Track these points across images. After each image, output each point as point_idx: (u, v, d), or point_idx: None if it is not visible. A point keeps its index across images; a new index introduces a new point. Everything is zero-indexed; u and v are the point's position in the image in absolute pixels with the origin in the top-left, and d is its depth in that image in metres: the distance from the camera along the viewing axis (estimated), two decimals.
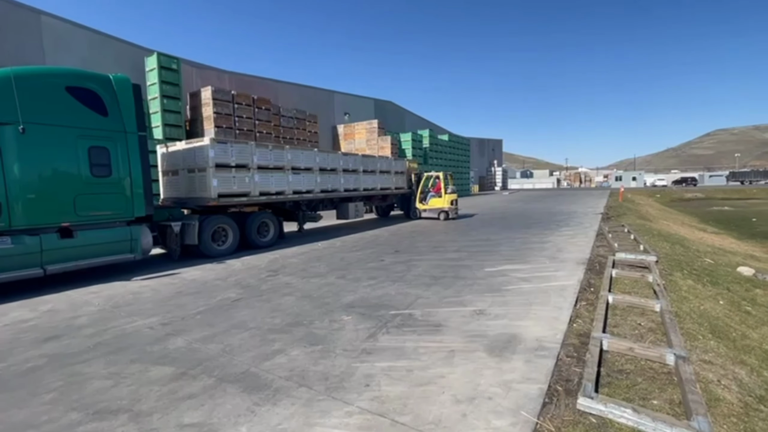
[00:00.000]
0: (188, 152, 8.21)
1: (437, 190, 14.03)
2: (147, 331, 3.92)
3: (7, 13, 13.62)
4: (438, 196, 13.87)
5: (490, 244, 8.47)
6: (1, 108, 5.25)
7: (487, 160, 54.00)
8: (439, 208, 13.76)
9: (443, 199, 13.67)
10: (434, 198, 13.92)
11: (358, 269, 6.44)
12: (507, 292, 4.92)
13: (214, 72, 20.00)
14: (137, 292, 5.44)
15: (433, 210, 13.89)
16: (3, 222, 5.27)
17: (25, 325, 4.26)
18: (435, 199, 13.90)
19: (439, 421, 2.31)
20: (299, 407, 2.49)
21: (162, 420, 2.39)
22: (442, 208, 13.69)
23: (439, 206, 13.75)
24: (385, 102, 33.03)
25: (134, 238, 6.57)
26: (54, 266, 5.65)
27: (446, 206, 13.59)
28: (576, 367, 2.93)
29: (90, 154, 6.06)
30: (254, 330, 3.86)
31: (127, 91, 6.51)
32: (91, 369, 3.13)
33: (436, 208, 13.82)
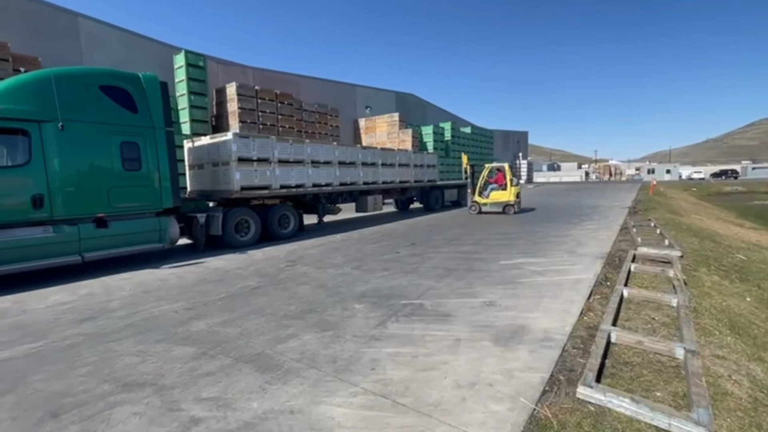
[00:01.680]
0: (212, 147, 8.54)
1: (500, 182, 13.15)
2: (172, 315, 4.20)
3: (48, 16, 14.45)
4: (501, 188, 13.02)
5: (508, 238, 8.40)
6: (43, 107, 5.66)
7: (512, 153, 52.83)
8: (504, 201, 12.88)
9: (508, 191, 12.83)
10: (497, 191, 13.02)
11: (373, 261, 6.56)
12: (519, 284, 4.91)
13: (238, 68, 20.50)
14: (165, 279, 5.78)
15: (497, 204, 12.99)
16: (45, 213, 5.70)
17: (65, 307, 4.64)
18: (498, 192, 12.99)
19: (438, 404, 2.40)
20: (307, 387, 2.64)
21: (182, 393, 2.60)
22: (507, 201, 12.83)
23: (504, 200, 12.87)
24: (406, 95, 32.88)
25: (163, 228, 6.95)
26: (91, 254, 6.08)
27: (512, 199, 12.79)
28: (581, 359, 2.94)
29: (122, 149, 6.43)
30: (270, 316, 4.06)
31: (155, 88, 6.85)
32: (122, 347, 3.40)
33: (501, 201, 12.92)
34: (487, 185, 13.37)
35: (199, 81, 15.13)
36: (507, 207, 12.91)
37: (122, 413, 2.39)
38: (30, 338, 3.67)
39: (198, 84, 15.10)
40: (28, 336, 3.73)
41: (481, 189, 13.31)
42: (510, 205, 12.87)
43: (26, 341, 3.61)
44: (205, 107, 15.33)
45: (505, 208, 12.93)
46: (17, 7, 13.71)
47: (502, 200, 12.95)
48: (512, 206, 12.86)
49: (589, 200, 18.41)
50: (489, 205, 13.10)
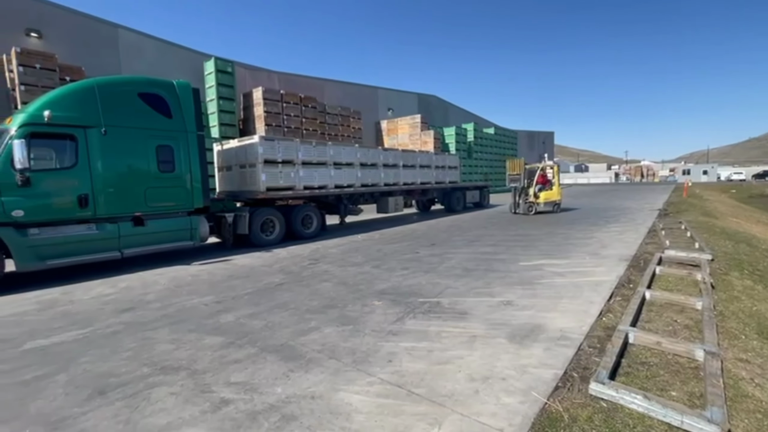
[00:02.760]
0: (240, 149, 8.92)
1: (546, 182, 13.56)
2: (203, 308, 4.47)
3: (91, 28, 15.42)
4: (548, 188, 13.50)
5: (529, 239, 8.34)
6: (88, 113, 6.12)
7: (537, 154, 51.69)
8: (553, 201, 13.51)
9: (555, 191, 13.47)
10: (545, 191, 13.41)
11: (393, 260, 6.69)
12: (538, 285, 4.92)
13: (264, 73, 21.14)
14: (196, 275, 6.11)
15: (548, 203, 13.48)
16: (89, 212, 6.15)
17: (107, 298, 5.01)
18: (546, 192, 13.42)
19: (451, 395, 2.50)
20: (327, 375, 2.79)
21: (213, 378, 2.81)
22: (556, 200, 13.52)
23: (553, 199, 13.49)
24: (428, 96, 32.86)
25: (194, 227, 7.33)
26: (129, 250, 6.50)
27: (559, 198, 13.55)
28: (596, 358, 2.96)
29: (157, 152, 6.84)
30: (293, 310, 4.26)
31: (188, 94, 7.25)
32: (158, 335, 3.67)
33: (551, 201, 13.49)
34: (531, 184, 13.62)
35: (227, 86, 15.73)
36: (555, 206, 13.57)
37: (160, 393, 2.62)
38: (77, 325, 4.02)
39: (226, 89, 15.70)
40: (75, 323, 4.08)
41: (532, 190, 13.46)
42: (557, 204, 13.58)
43: (74, 328, 3.95)
44: (232, 111, 15.92)
45: (554, 206, 13.55)
46: (65, 20, 14.71)
47: (552, 199, 13.45)
48: (559, 205, 13.62)
49: (616, 202, 17.87)
50: (542, 204, 13.38)
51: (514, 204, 13.42)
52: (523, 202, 13.15)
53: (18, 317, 4.36)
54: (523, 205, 13.13)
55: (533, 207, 13.21)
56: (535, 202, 13.22)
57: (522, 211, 13.11)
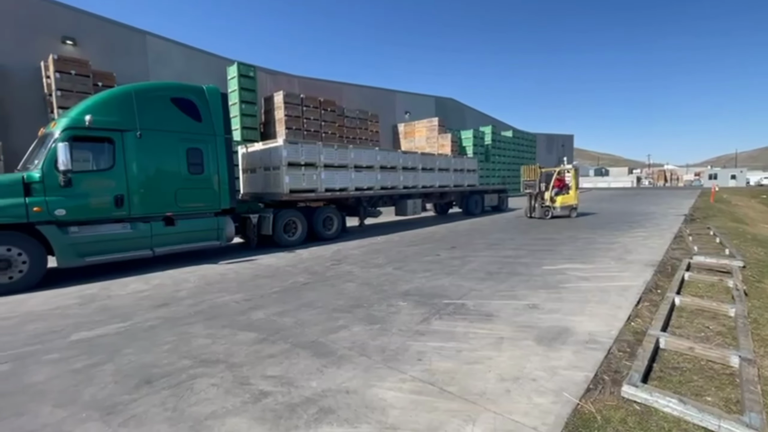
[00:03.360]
0: (265, 152, 9.15)
1: (563, 186, 13.44)
2: (233, 305, 4.63)
3: (122, 35, 16.05)
4: (565, 192, 13.30)
5: (551, 243, 8.27)
6: (124, 118, 6.41)
7: (556, 157, 50.93)
8: (570, 205, 13.28)
9: (572, 195, 13.29)
10: (561, 195, 13.19)
11: (415, 262, 6.75)
12: (563, 289, 4.90)
13: (285, 77, 21.54)
14: (223, 273, 6.31)
15: (564, 207, 13.21)
16: (124, 211, 6.44)
17: (142, 294, 5.23)
18: (563, 196, 13.20)
19: (483, 393, 2.54)
20: (359, 372, 2.88)
21: (250, 371, 2.93)
22: (572, 204, 13.31)
23: (570, 203, 13.28)
24: (446, 99, 32.83)
25: (220, 227, 7.56)
26: (160, 249, 6.76)
27: (575, 202, 13.36)
28: (627, 361, 2.96)
29: (188, 155, 7.10)
30: (321, 309, 4.37)
31: (217, 99, 7.51)
32: (194, 330, 3.83)
33: (567, 205, 13.25)
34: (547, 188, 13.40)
35: (249, 90, 16.12)
36: (572, 210, 13.33)
37: (202, 384, 2.75)
38: (117, 319, 4.22)
39: (248, 93, 16.09)
40: (115, 317, 4.29)
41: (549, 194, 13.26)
42: (574, 208, 13.33)
43: (115, 321, 4.15)
44: (254, 115, 16.30)
45: (571, 211, 13.30)
46: (97, 28, 15.37)
47: (569, 203, 13.19)
48: (575, 209, 13.36)
49: (640, 207, 17.47)
50: (559, 208, 13.11)
51: (530, 208, 13.28)
52: (540, 207, 12.98)
53: (62, 310, 4.61)
54: (539, 209, 12.97)
55: (550, 211, 13.04)
56: (551, 206, 13.06)
57: (538, 215, 12.94)
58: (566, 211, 13.21)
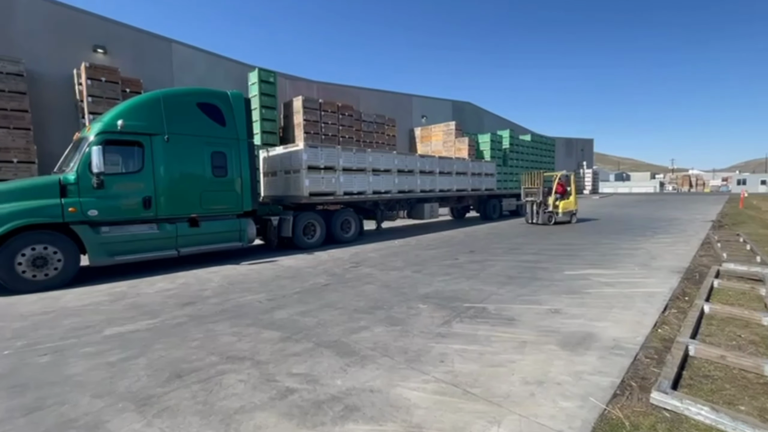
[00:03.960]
0: (285, 156, 9.33)
1: (564, 191, 13.05)
2: (257, 304, 4.73)
3: (148, 43, 16.65)
4: (565, 197, 12.98)
5: (573, 249, 8.14)
6: (153, 122, 6.66)
7: (575, 162, 50.05)
8: (570, 210, 13.02)
9: (572, 200, 13.03)
10: (561, 200, 12.84)
11: (433, 266, 6.75)
12: (586, 294, 4.82)
13: (304, 83, 21.89)
14: (245, 274, 6.45)
15: (566, 213, 12.89)
16: (152, 212, 6.66)
17: (169, 293, 5.40)
18: (565, 201, 12.85)
19: (507, 396, 2.54)
20: (383, 371, 2.91)
21: (276, 368, 3.00)
22: (573, 210, 13.09)
23: (570, 208, 13.02)
24: (463, 103, 32.72)
25: (242, 229, 7.74)
26: (185, 249, 6.96)
27: (575, 208, 13.18)
28: (655, 368, 2.90)
29: (212, 158, 7.31)
30: (342, 310, 4.42)
31: (240, 104, 7.72)
32: (220, 328, 3.94)
33: (568, 210, 12.95)
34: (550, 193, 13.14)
35: (269, 95, 16.45)
36: (572, 216, 13.15)
37: (230, 380, 2.84)
38: (147, 316, 4.38)
39: (268, 98, 16.43)
40: (145, 314, 4.45)
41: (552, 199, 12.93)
42: (574, 214, 13.18)
43: (145, 318, 4.30)
44: (274, 119, 16.62)
45: (571, 216, 13.10)
46: (126, 36, 15.99)
47: (569, 209, 12.92)
48: (575, 214, 13.25)
49: (664, 212, 16.99)
50: (561, 214, 12.78)
51: (532, 214, 12.89)
52: (543, 212, 12.66)
53: (95, 306, 4.81)
54: (542, 215, 12.65)
55: (553, 216, 12.71)
56: (554, 211, 12.73)
57: (541, 221, 12.61)
58: (567, 217, 12.91)
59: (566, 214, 12.84)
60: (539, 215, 12.71)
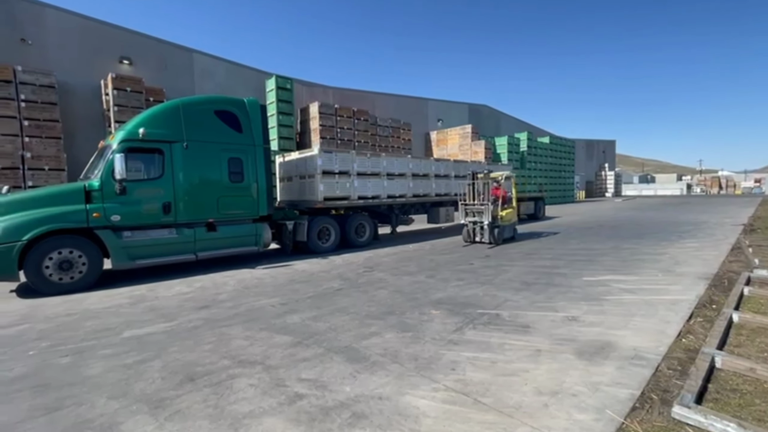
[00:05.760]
0: (300, 161, 9.43)
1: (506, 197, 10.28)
2: (270, 308, 4.77)
3: (170, 53, 17.20)
4: (508, 206, 10.30)
5: (592, 254, 7.90)
6: (173, 130, 6.85)
7: (596, 164, 48.83)
8: (514, 222, 10.41)
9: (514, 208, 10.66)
10: (506, 209, 10.02)
11: (447, 270, 6.67)
12: (605, 301, 4.66)
13: (320, 89, 22.17)
14: (260, 278, 6.53)
15: (509, 227, 10.07)
16: (171, 217, 6.84)
17: (185, 296, 5.52)
18: (508, 210, 10.10)
19: (519, 407, 2.47)
20: (392, 378, 2.88)
21: (286, 373, 3.01)
22: (515, 221, 10.67)
23: (514, 219, 10.50)
24: (479, 106, 32.46)
25: (258, 233, 7.85)
26: (203, 253, 7.11)
27: (515, 219, 10.59)
28: (678, 380, 2.76)
29: (229, 164, 7.47)
30: (353, 314, 4.42)
31: (256, 110, 7.87)
32: (233, 332, 3.99)
33: (511, 222, 10.17)
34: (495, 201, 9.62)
35: (286, 102, 16.72)
36: (515, 230, 10.61)
37: (240, 384, 2.86)
38: (164, 319, 4.48)
39: (285, 104, 16.69)
40: (162, 317, 4.55)
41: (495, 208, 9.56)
42: (514, 228, 10.54)
43: (161, 321, 4.40)
44: (291, 125, 16.86)
45: (515, 231, 10.56)
46: (149, 47, 16.57)
47: (513, 220, 10.35)
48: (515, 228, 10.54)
49: (690, 215, 16.34)
50: (507, 228, 9.83)
51: (472, 231, 9.66)
52: (488, 227, 9.29)
53: (115, 309, 4.95)
54: (488, 232, 9.31)
55: (501, 231, 9.47)
56: (500, 223, 9.51)
57: (487, 239, 9.35)
58: (510, 231, 10.16)
59: (509, 227, 10.05)
60: (483, 231, 9.44)
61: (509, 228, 10.02)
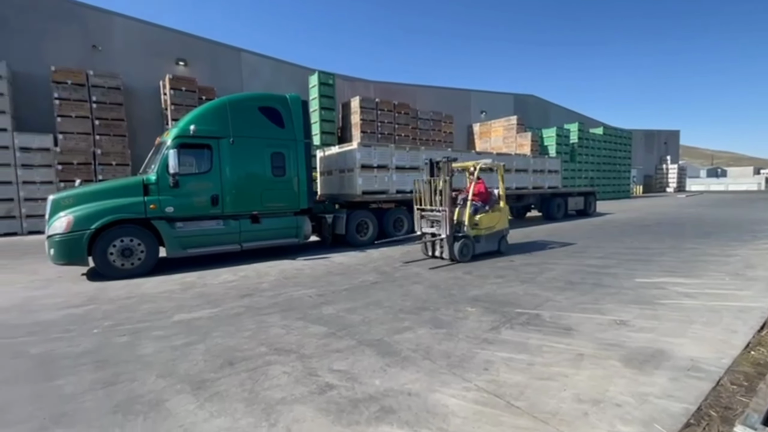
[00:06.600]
0: (340, 155, 9.57)
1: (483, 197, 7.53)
2: (307, 299, 4.90)
3: (220, 53, 18.07)
4: (489, 206, 7.49)
5: (647, 253, 7.31)
6: (220, 126, 7.21)
7: (657, 156, 45.09)
8: (499, 229, 7.52)
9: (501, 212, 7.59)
10: (486, 212, 7.31)
11: (486, 267, 6.48)
12: (660, 306, 4.29)
13: (361, 83, 22.31)
14: (300, 269, 6.73)
15: (491, 236, 7.35)
16: (219, 210, 7.23)
17: (230, 284, 5.82)
18: (488, 214, 7.33)
19: (556, 413, 2.33)
20: (423, 375, 2.84)
21: (318, 363, 3.07)
22: (503, 229, 7.62)
23: (496, 226, 7.46)
24: (526, 96, 31.10)
25: (299, 226, 8.09)
26: (247, 244, 7.46)
27: (505, 226, 7.69)
28: (742, 397, 2.48)
29: (272, 159, 7.74)
30: (387, 308, 4.42)
31: (298, 106, 8.07)
32: (272, 320, 4.14)
33: (494, 231, 7.40)
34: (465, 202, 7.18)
35: (328, 97, 17.01)
36: (502, 239, 7.64)
37: (275, 371, 2.96)
38: (210, 305, 4.75)
39: (327, 100, 16.99)
40: (209, 303, 4.83)
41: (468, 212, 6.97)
42: (504, 236, 7.71)
43: (208, 307, 4.67)
44: (332, 120, 17.16)
45: (501, 241, 7.62)
46: (202, 48, 17.53)
47: (497, 228, 7.50)
48: (505, 236, 7.77)
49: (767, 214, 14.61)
50: (483, 239, 7.25)
51: (431, 243, 7.27)
52: (451, 237, 6.79)
53: (168, 294, 5.33)
54: (447, 244, 6.81)
55: (470, 245, 6.92)
56: (473, 232, 7.04)
57: (447, 255, 6.87)
58: (493, 244, 7.46)
59: (491, 237, 7.41)
60: (443, 245, 6.93)
61: (491, 239, 7.40)
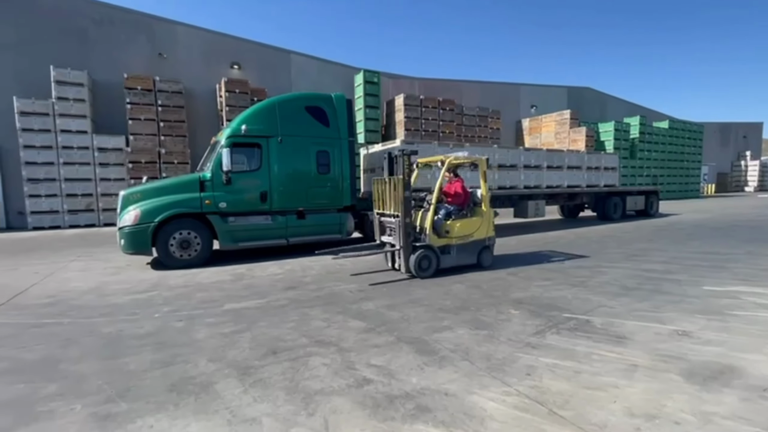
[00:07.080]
0: (383, 153, 9.60)
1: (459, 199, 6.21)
2: (348, 294, 5.00)
3: (271, 56, 18.85)
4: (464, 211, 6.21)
5: (717, 259, 6.61)
6: (269, 125, 7.55)
7: (734, 152, 40.54)
8: (479, 239, 6.16)
9: (482, 217, 6.20)
10: (460, 219, 6.05)
11: (532, 268, 6.21)
12: (732, 317, 3.87)
13: (406, 81, 22.25)
14: (342, 264, 6.88)
15: (467, 245, 6.06)
16: (267, 206, 7.58)
17: (277, 277, 6.08)
18: (464, 221, 6.05)
19: (604, 426, 2.18)
20: (461, 375, 2.79)
21: (357, 357, 3.13)
22: (485, 238, 6.22)
23: (481, 235, 6.16)
24: (581, 89, 29.31)
25: (342, 222, 8.27)
26: (293, 239, 7.77)
27: (490, 234, 6.30)
28: None
29: (317, 157, 7.97)
30: (427, 306, 4.38)
31: (342, 105, 8.23)
32: (313, 313, 4.27)
33: (472, 239, 6.09)
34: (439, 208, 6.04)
35: (373, 95, 17.16)
36: (483, 249, 6.24)
37: (315, 362, 3.05)
38: (257, 296, 5.00)
39: (372, 98, 17.14)
40: (256, 294, 5.09)
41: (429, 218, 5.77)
42: (487, 246, 6.30)
43: (255, 298, 4.92)
44: (377, 118, 17.29)
45: (482, 253, 6.24)
46: (254, 52, 18.40)
47: (476, 236, 6.14)
48: (490, 247, 6.35)
49: None
50: (455, 250, 5.99)
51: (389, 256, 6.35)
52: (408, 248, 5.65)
53: (219, 284, 5.69)
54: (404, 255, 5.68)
55: (431, 257, 5.73)
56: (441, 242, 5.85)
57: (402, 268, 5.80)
58: (471, 255, 6.15)
59: (467, 248, 6.08)
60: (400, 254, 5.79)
61: (466, 249, 6.08)
